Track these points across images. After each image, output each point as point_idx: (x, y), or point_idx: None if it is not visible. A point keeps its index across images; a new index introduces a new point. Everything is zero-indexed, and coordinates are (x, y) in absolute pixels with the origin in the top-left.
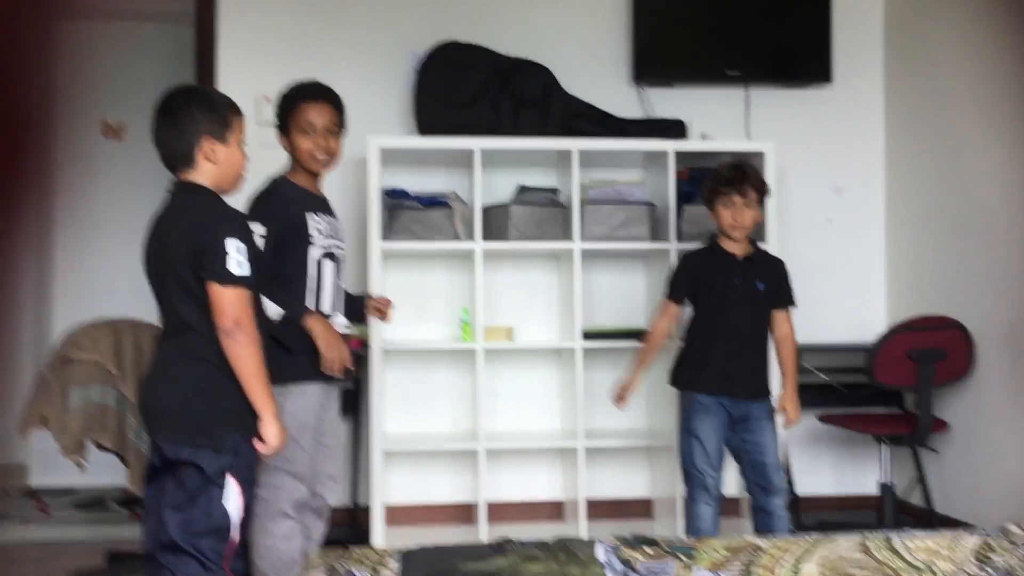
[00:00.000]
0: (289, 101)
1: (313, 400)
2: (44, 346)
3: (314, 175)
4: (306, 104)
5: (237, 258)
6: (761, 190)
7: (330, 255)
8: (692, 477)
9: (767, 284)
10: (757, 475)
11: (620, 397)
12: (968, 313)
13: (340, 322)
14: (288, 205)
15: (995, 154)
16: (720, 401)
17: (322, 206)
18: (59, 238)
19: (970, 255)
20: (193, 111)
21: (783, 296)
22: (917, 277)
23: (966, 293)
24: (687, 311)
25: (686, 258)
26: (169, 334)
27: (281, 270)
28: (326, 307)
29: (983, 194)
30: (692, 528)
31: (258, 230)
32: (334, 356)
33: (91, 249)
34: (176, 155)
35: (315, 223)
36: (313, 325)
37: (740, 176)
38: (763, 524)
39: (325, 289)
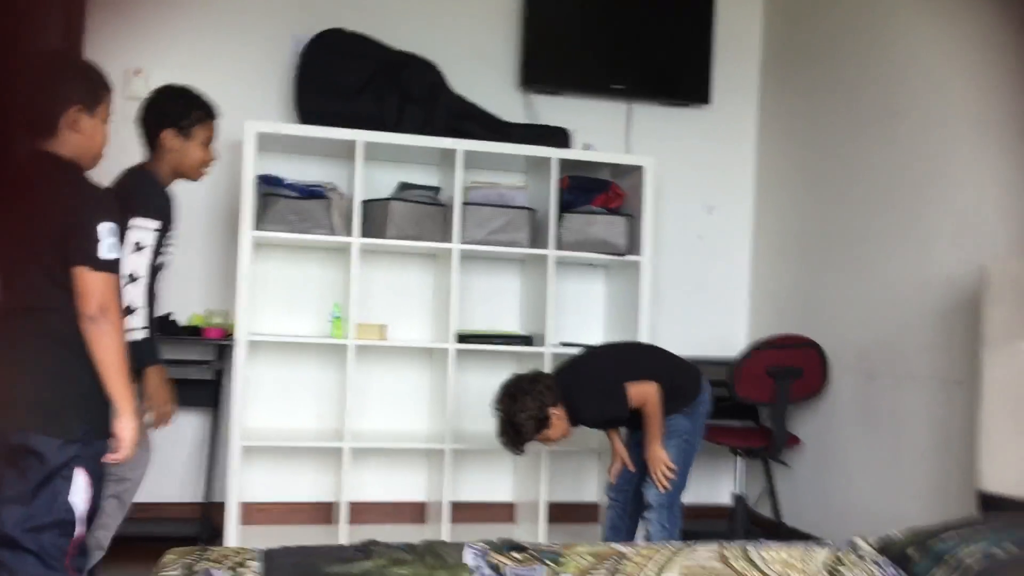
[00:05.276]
0: (203, 112)
1: None
2: None
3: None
4: (214, 122)
5: (109, 241)
6: (524, 440)
7: (162, 265)
8: None
9: None
10: None
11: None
12: (824, 334)
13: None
14: (172, 207)
15: (854, 185)
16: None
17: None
18: None
19: (827, 279)
20: (65, 76)
21: None
22: (778, 296)
23: (823, 315)
24: None
25: None
26: (18, 312)
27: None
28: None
29: (842, 221)
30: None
31: (149, 224)
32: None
33: None
34: (38, 119)
35: (170, 232)
36: (158, 375)
37: (506, 446)
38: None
39: (155, 300)
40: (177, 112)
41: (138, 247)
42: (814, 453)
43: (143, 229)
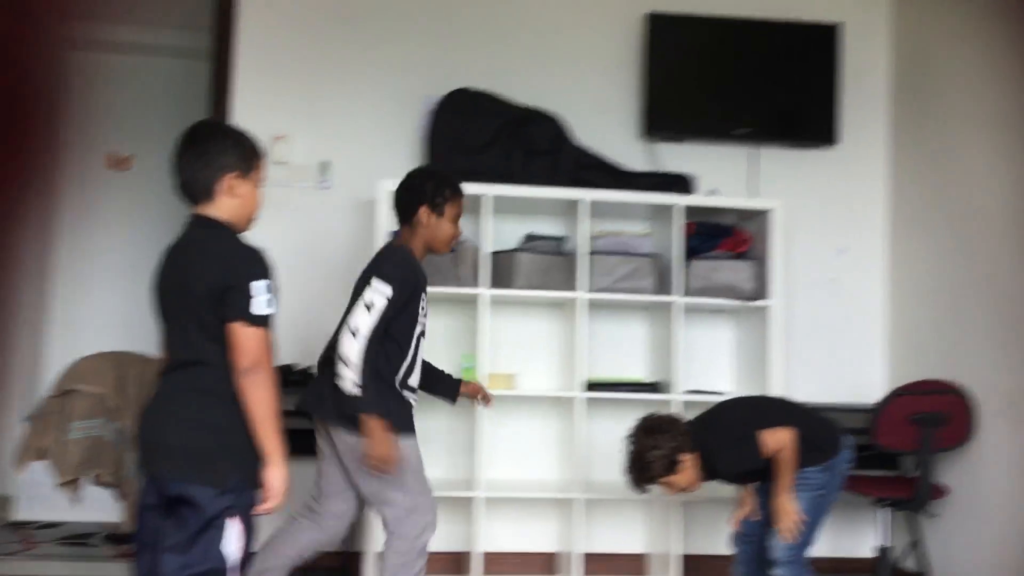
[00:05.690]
0: (455, 191)
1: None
2: (38, 378)
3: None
4: (462, 199)
5: (262, 298)
6: (651, 479)
7: (423, 332)
8: None
9: None
10: None
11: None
12: (969, 378)
13: (413, 398)
14: (418, 282)
15: (999, 221)
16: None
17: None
18: (58, 269)
19: (972, 320)
20: (223, 144)
21: None
22: (918, 340)
23: (968, 358)
24: None
25: None
26: (176, 367)
27: (387, 340)
28: (414, 382)
29: (986, 260)
30: None
31: (383, 288)
32: (380, 456)
33: (89, 281)
34: (198, 186)
35: (423, 303)
36: (376, 426)
37: (630, 482)
38: None
39: (417, 365)
40: (431, 191)
41: (367, 307)
42: (963, 503)
43: (376, 292)
